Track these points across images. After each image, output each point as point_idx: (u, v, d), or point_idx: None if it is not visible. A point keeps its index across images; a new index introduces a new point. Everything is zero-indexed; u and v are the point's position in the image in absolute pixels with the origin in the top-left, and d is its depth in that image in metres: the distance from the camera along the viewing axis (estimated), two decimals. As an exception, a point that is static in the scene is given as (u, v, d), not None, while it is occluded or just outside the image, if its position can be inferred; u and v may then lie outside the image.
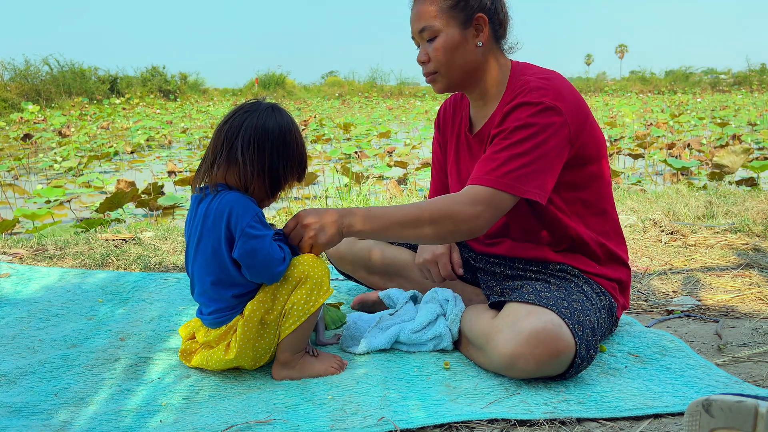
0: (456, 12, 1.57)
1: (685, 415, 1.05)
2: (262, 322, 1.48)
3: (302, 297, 1.47)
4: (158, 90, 31.59)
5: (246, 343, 1.47)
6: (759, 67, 43.44)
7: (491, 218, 1.50)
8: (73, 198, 6.22)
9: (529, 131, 1.49)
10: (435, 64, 1.60)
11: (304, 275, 1.47)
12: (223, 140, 1.46)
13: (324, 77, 46.87)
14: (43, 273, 2.45)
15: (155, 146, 12.05)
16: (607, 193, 1.68)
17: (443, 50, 1.58)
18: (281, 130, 1.48)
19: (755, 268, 2.37)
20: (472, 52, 1.60)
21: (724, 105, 22.15)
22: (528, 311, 1.42)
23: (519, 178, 1.47)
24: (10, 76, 25.53)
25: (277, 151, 1.47)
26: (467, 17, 1.58)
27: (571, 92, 1.57)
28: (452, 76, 1.62)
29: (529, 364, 1.38)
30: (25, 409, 1.37)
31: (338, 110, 24.49)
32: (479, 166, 1.53)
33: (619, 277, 1.68)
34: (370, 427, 1.25)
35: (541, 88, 1.53)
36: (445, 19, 1.57)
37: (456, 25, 1.58)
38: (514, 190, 1.48)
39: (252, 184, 1.47)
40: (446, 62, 1.59)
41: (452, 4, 1.57)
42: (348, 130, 13.62)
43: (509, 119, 1.53)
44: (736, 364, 1.59)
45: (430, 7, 1.58)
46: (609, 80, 48.47)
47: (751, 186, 5.57)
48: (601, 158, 1.64)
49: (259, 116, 1.47)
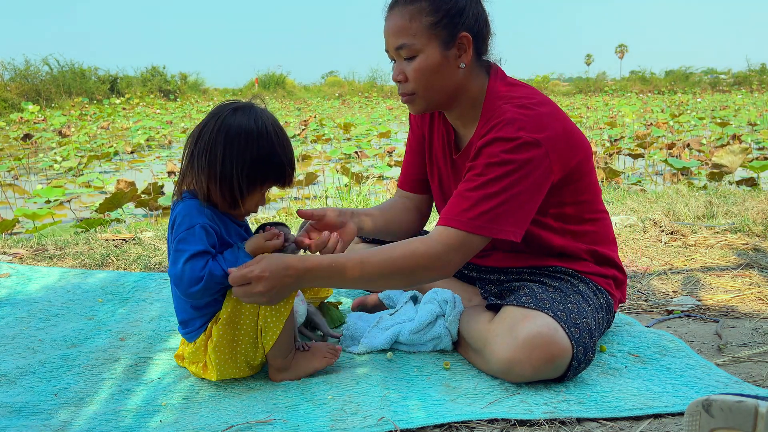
0: (438, 30, 1.46)
1: (685, 415, 1.05)
2: (234, 341, 1.44)
3: (271, 309, 1.41)
4: (158, 90, 31.58)
5: (224, 363, 1.45)
6: (759, 67, 43.40)
7: (463, 261, 1.45)
8: (73, 198, 6.22)
9: (505, 169, 1.40)
10: (413, 85, 1.50)
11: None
12: (187, 148, 1.42)
13: (324, 77, 46.84)
14: (43, 273, 2.45)
15: (155, 146, 12.05)
16: (596, 201, 1.64)
17: (423, 72, 1.48)
18: (236, 132, 1.37)
19: (755, 268, 2.37)
20: (453, 74, 1.50)
21: (724, 105, 22.14)
22: (524, 315, 1.41)
23: (492, 219, 1.40)
24: (10, 76, 25.54)
25: (229, 154, 1.36)
26: (450, 36, 1.47)
27: (552, 115, 1.47)
28: (431, 98, 1.53)
29: (526, 369, 1.37)
30: (25, 409, 1.37)
31: (338, 110, 24.48)
32: (451, 203, 1.45)
33: (614, 275, 1.67)
34: (370, 427, 1.25)
35: (517, 120, 1.43)
36: (426, 37, 1.46)
37: (438, 45, 1.47)
38: (486, 232, 1.40)
39: (208, 190, 1.39)
40: (425, 84, 1.50)
41: (435, 21, 1.46)
42: (348, 130, 13.61)
43: (483, 155, 1.43)
44: (736, 364, 1.59)
45: (411, 23, 1.46)
46: (609, 80, 48.42)
47: (751, 186, 5.58)
48: (589, 172, 1.58)
49: (218, 119, 1.39)
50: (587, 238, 1.63)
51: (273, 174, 1.42)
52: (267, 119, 1.42)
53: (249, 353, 1.46)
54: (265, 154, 1.39)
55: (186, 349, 1.52)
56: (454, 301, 1.66)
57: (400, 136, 12.58)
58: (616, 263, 1.69)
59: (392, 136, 12.56)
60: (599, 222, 1.66)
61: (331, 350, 1.52)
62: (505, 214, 1.41)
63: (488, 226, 1.40)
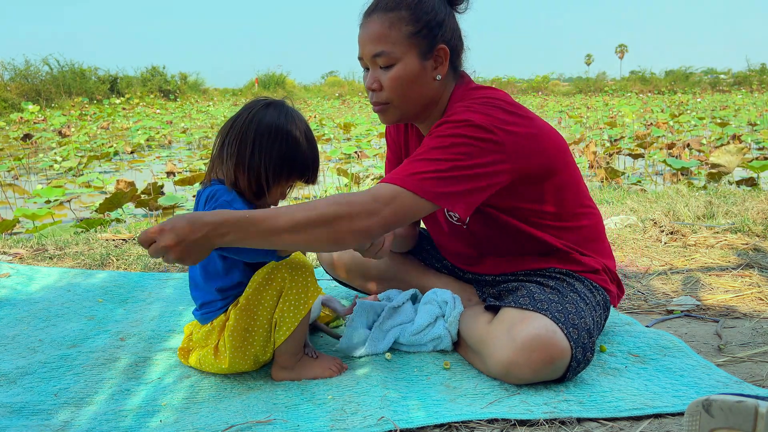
0: (418, 40, 1.45)
1: (685, 415, 1.05)
2: (247, 330, 1.46)
3: (290, 305, 1.44)
4: (158, 90, 31.59)
5: (235, 351, 1.47)
6: (759, 67, 43.42)
7: (393, 218, 1.33)
8: (73, 198, 6.22)
9: (449, 141, 1.37)
10: (389, 94, 1.49)
11: (287, 281, 1.43)
12: (219, 139, 1.49)
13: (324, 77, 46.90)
14: (43, 273, 2.45)
15: (155, 146, 12.05)
16: (581, 196, 1.63)
17: (400, 81, 1.46)
18: (269, 126, 1.44)
19: (755, 268, 2.37)
20: (429, 85, 1.50)
21: (724, 105, 22.14)
22: (522, 317, 1.41)
23: (428, 180, 1.34)
24: (10, 76, 25.56)
25: (259, 146, 1.43)
26: (429, 47, 1.46)
27: (511, 109, 1.45)
28: (406, 108, 1.52)
29: (525, 371, 1.37)
30: (25, 409, 1.37)
31: (338, 110, 24.49)
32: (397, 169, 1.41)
33: (607, 268, 1.67)
34: (370, 426, 1.25)
35: (467, 110, 1.42)
36: (405, 46, 1.45)
37: (416, 55, 1.46)
38: (420, 191, 1.33)
39: (236, 179, 1.45)
40: (401, 94, 1.48)
41: (415, 30, 1.45)
42: (348, 130, 13.62)
43: (431, 134, 1.42)
44: (736, 364, 1.59)
45: (390, 30, 1.45)
46: (609, 80, 48.44)
47: (751, 186, 5.58)
48: (566, 167, 1.56)
49: (252, 112, 1.46)
50: (572, 238, 1.63)
51: (298, 170, 1.49)
52: (297, 118, 1.49)
53: (259, 345, 1.47)
54: (292, 151, 1.46)
55: (197, 334, 1.53)
56: (453, 301, 1.66)
57: (400, 136, 12.55)
58: (609, 258, 1.69)
59: (392, 136, 12.54)
60: (587, 217, 1.65)
61: (336, 365, 1.52)
62: (444, 180, 1.35)
63: (422, 185, 1.34)
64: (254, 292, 1.45)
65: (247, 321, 1.45)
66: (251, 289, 1.45)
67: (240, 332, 1.46)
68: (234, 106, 26.81)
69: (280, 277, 1.43)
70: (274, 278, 1.43)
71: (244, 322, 1.45)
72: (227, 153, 1.45)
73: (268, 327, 1.47)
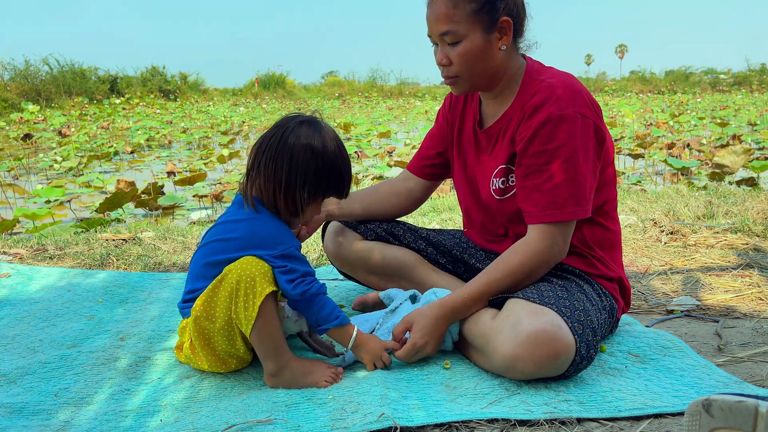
0: (481, 16, 1.52)
1: (685, 415, 1.05)
2: (206, 331, 1.46)
3: (240, 307, 1.41)
4: (158, 90, 31.56)
5: (203, 349, 1.48)
6: (759, 67, 43.40)
7: (567, 241, 1.55)
8: (73, 198, 6.22)
9: (565, 152, 1.48)
10: (457, 68, 1.57)
11: (235, 281, 1.41)
12: (253, 155, 1.50)
13: (324, 77, 46.85)
14: (43, 273, 2.45)
15: (155, 146, 12.05)
16: (614, 200, 1.68)
17: (467, 56, 1.55)
18: (302, 146, 1.45)
19: (755, 268, 2.37)
20: (495, 57, 1.57)
21: (724, 105, 22.14)
22: (528, 311, 1.41)
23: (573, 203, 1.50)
24: (10, 76, 25.51)
25: (294, 165, 1.45)
26: (492, 21, 1.53)
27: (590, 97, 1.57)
28: (475, 80, 1.60)
29: (529, 366, 1.37)
30: (25, 409, 1.38)
31: (338, 110, 24.48)
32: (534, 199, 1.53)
33: (621, 279, 1.68)
34: (370, 423, 1.25)
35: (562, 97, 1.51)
36: (469, 23, 1.52)
37: (480, 30, 1.53)
38: (572, 216, 1.51)
39: (276, 200, 1.47)
40: (469, 68, 1.56)
41: (477, 7, 1.52)
42: (348, 130, 13.61)
43: (539, 137, 1.51)
44: (736, 364, 1.59)
45: (454, 10, 1.52)
46: (609, 80, 48.43)
47: (751, 186, 5.58)
48: (611, 163, 1.64)
49: (284, 131, 1.47)
50: (599, 239, 1.65)
51: (334, 186, 1.52)
52: (330, 134, 1.51)
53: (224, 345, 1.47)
54: (328, 168, 1.48)
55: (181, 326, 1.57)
56: None
57: (400, 136, 12.59)
58: (621, 267, 1.70)
59: (392, 136, 12.57)
60: (614, 222, 1.69)
61: (333, 373, 1.49)
62: (576, 195, 1.50)
63: (569, 211, 1.51)
64: (206, 295, 1.45)
65: (204, 323, 1.46)
66: (203, 295, 1.45)
67: (200, 332, 1.47)
68: (234, 106, 26.83)
69: (232, 273, 1.41)
70: (224, 280, 1.42)
71: (202, 321, 1.46)
72: (264, 174, 1.46)
73: (228, 327, 1.45)
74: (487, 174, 1.68)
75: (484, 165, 1.71)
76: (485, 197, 1.70)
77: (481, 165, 1.72)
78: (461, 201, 1.87)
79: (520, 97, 1.60)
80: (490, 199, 1.68)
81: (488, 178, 1.67)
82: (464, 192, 1.83)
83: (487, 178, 1.68)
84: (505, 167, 1.63)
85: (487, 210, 1.73)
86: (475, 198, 1.78)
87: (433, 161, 1.91)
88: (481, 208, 1.77)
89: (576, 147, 1.49)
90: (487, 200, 1.70)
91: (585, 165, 1.50)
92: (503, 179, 1.64)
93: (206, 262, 1.50)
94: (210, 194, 5.84)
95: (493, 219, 1.73)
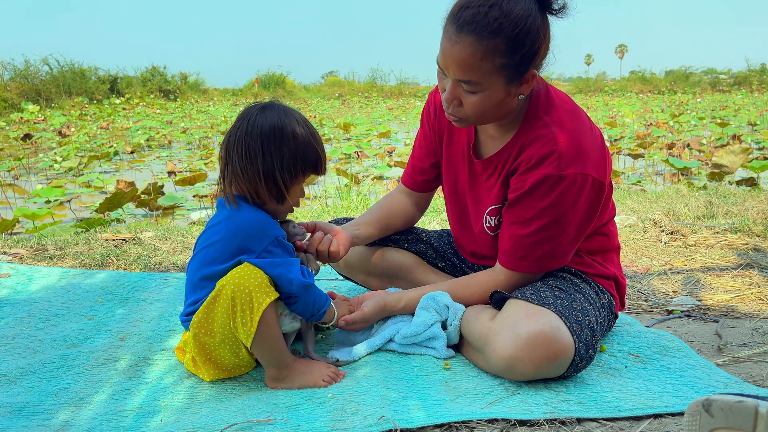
0: (508, 71, 1.38)
1: (685, 415, 1.05)
2: (206, 345, 1.45)
3: (239, 322, 1.40)
4: (158, 90, 31.54)
5: (205, 363, 1.47)
6: (759, 67, 43.35)
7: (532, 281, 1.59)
8: (73, 198, 6.22)
9: (556, 212, 1.46)
10: (469, 113, 1.45)
11: (230, 297, 1.38)
12: (223, 153, 1.48)
13: (324, 77, 46.80)
14: (43, 273, 2.45)
15: (155, 146, 12.05)
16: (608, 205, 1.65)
17: (482, 105, 1.43)
18: (269, 129, 1.43)
19: (755, 268, 2.37)
20: (511, 104, 1.46)
21: (724, 105, 22.13)
22: (527, 313, 1.41)
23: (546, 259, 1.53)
24: (10, 76, 25.47)
25: (267, 151, 1.43)
26: (518, 75, 1.40)
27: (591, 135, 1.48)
28: (481, 122, 1.51)
29: (528, 367, 1.37)
30: (25, 409, 1.37)
31: (338, 110, 24.48)
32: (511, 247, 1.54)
33: (616, 277, 1.68)
34: (370, 426, 1.25)
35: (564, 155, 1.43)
36: (494, 77, 1.38)
37: (503, 83, 1.40)
38: (540, 270, 1.56)
39: (258, 192, 1.45)
40: (482, 114, 1.45)
41: (507, 63, 1.37)
42: (348, 130, 13.61)
43: (536, 194, 1.46)
44: (736, 364, 1.59)
45: (481, 63, 1.36)
46: (609, 80, 48.43)
47: (751, 186, 5.58)
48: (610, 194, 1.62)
49: (248, 121, 1.45)
50: (596, 248, 1.65)
51: (310, 164, 1.49)
52: (293, 113, 1.49)
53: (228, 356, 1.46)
54: (301, 147, 1.46)
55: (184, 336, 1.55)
56: (455, 309, 1.62)
57: (400, 136, 12.58)
58: (618, 267, 1.70)
59: (392, 136, 12.56)
60: (608, 225, 1.68)
61: (330, 374, 1.49)
62: (556, 251, 1.52)
63: (543, 264, 1.55)
64: (202, 312, 1.43)
65: (204, 338, 1.44)
66: (200, 311, 1.43)
67: (201, 348, 1.45)
68: (234, 106, 26.81)
69: (223, 296, 1.40)
70: (219, 296, 1.40)
71: (202, 335, 1.44)
72: (240, 167, 1.43)
73: (228, 341, 1.44)
74: (480, 209, 1.65)
75: (477, 197, 1.66)
76: (478, 231, 1.68)
77: (475, 196, 1.67)
78: (451, 223, 1.83)
79: (521, 135, 1.51)
80: (483, 235, 1.67)
81: (481, 214, 1.65)
82: (454, 216, 1.79)
83: (480, 213, 1.65)
84: (500, 206, 1.59)
85: (478, 242, 1.72)
86: (465, 227, 1.76)
87: (427, 176, 1.83)
88: (471, 239, 1.75)
89: (567, 209, 1.45)
90: (479, 235, 1.68)
91: (573, 223, 1.48)
92: (497, 217, 1.61)
93: (201, 276, 1.47)
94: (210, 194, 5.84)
95: (485, 248, 1.71)
